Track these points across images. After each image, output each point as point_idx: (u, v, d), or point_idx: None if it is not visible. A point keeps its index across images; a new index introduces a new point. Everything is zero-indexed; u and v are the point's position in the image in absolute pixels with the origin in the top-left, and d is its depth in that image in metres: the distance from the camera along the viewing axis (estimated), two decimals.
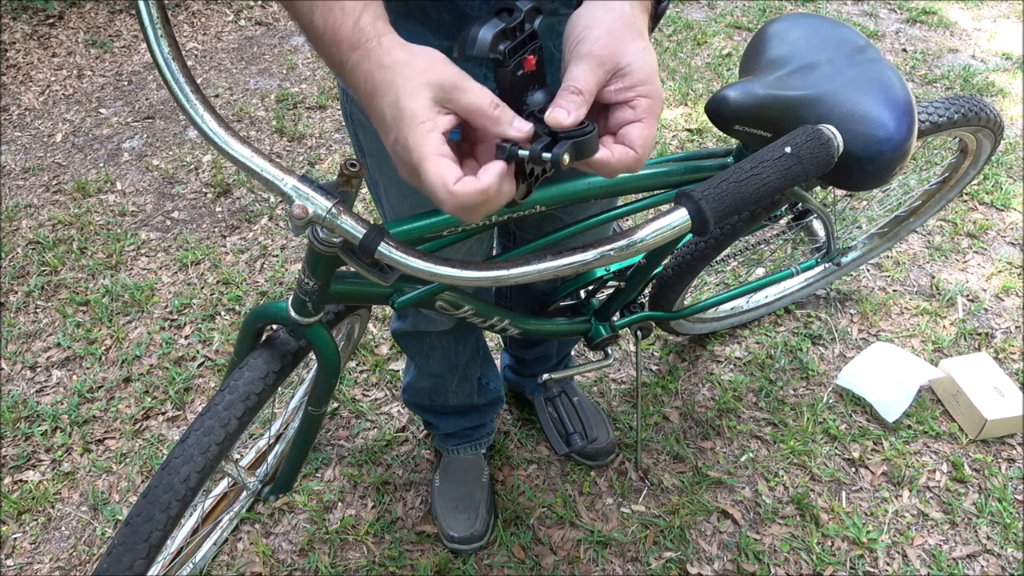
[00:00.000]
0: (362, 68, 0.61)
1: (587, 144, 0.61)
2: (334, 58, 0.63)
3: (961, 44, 3.20)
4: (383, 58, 0.60)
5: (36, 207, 2.32)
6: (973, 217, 2.25)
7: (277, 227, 2.25)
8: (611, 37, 0.63)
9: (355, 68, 0.61)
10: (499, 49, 0.61)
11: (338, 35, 0.61)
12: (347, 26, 0.61)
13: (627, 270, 1.35)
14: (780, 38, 1.08)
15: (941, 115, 1.46)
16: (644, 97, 0.64)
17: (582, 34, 0.64)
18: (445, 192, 0.58)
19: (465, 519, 1.49)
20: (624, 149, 0.64)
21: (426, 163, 0.58)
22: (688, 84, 2.90)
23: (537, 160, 0.60)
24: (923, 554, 1.49)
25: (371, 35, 0.61)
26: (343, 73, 0.63)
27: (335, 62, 0.63)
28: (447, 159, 0.58)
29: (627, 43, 0.63)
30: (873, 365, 1.77)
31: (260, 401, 0.98)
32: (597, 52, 0.63)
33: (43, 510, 1.56)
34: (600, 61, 0.63)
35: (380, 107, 0.60)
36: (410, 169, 0.61)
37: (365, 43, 0.61)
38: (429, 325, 1.27)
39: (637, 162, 0.64)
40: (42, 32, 3.15)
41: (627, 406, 1.76)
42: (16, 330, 1.93)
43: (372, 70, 0.60)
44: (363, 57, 0.61)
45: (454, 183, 0.58)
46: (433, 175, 0.58)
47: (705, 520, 1.55)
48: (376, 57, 0.60)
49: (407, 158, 0.60)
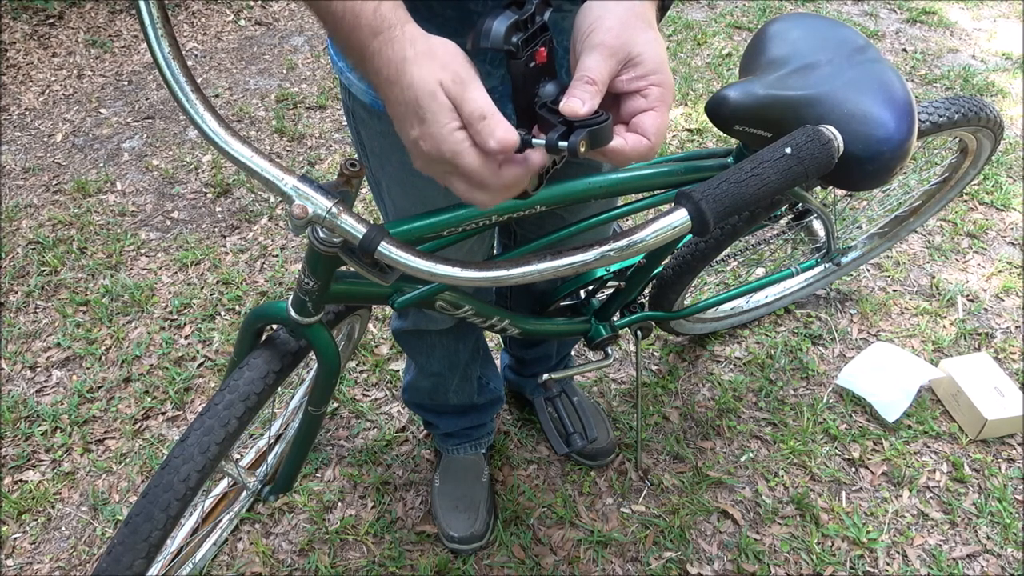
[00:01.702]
0: (384, 55, 0.61)
1: (602, 132, 0.62)
2: (353, 44, 0.63)
3: (961, 44, 3.20)
4: (406, 48, 0.60)
5: (36, 207, 2.32)
6: (973, 217, 2.25)
7: (277, 227, 2.25)
8: (622, 27, 0.64)
9: (376, 55, 0.61)
10: (512, 40, 0.61)
11: (359, 20, 0.61)
12: (367, 12, 0.61)
13: (627, 270, 1.35)
14: (780, 38, 1.08)
15: (941, 115, 1.46)
16: (656, 86, 0.65)
17: (594, 24, 0.64)
18: (494, 176, 0.61)
19: (465, 519, 1.49)
20: (638, 137, 0.65)
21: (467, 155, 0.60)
22: (688, 84, 2.90)
23: (554, 149, 0.62)
24: (923, 554, 1.49)
25: (393, 22, 0.61)
26: (363, 59, 0.63)
27: (355, 48, 0.63)
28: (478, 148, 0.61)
29: (638, 33, 0.64)
30: (873, 365, 1.77)
31: (260, 401, 0.98)
32: (609, 42, 0.63)
33: (43, 510, 1.56)
34: (612, 51, 0.63)
35: (402, 97, 0.61)
36: (435, 162, 0.62)
37: (388, 30, 0.61)
38: (429, 324, 1.27)
39: (651, 150, 0.65)
40: (42, 32, 3.15)
41: (627, 406, 1.76)
42: (16, 330, 1.93)
43: (395, 59, 0.61)
44: (385, 44, 0.61)
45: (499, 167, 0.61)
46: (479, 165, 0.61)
47: (705, 520, 1.55)
48: (400, 46, 0.60)
49: (435, 153, 0.61)
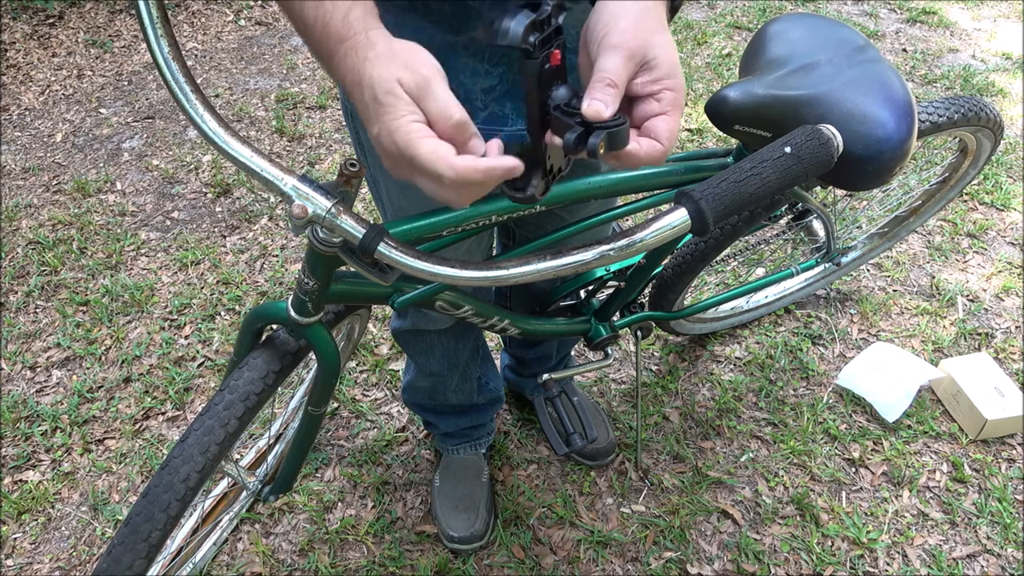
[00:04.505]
0: (348, 60, 0.62)
1: (620, 135, 0.62)
2: (323, 50, 0.64)
3: (961, 44, 3.20)
4: (367, 52, 0.62)
5: (36, 207, 2.32)
6: (973, 217, 2.25)
7: (277, 227, 2.25)
8: (638, 29, 0.64)
9: (342, 61, 0.63)
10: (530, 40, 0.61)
11: (328, 28, 0.63)
12: (336, 19, 0.62)
13: (627, 270, 1.35)
14: (780, 38, 1.08)
15: (941, 115, 1.45)
16: (669, 90, 0.65)
17: (609, 24, 0.64)
18: (446, 166, 0.59)
19: (465, 519, 1.49)
20: (651, 142, 0.65)
21: (418, 146, 0.59)
22: (688, 84, 2.90)
23: (572, 149, 0.62)
24: (923, 554, 1.49)
25: (358, 29, 0.62)
26: (331, 65, 0.65)
27: (324, 54, 0.65)
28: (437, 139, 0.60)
29: (653, 35, 0.64)
30: (873, 365, 1.77)
31: (260, 401, 0.98)
32: (627, 44, 0.63)
33: (43, 510, 1.56)
34: (631, 53, 0.63)
35: (364, 98, 0.62)
36: (396, 158, 0.62)
37: (352, 36, 0.62)
38: (429, 324, 1.27)
39: (663, 155, 0.65)
40: (42, 32, 3.15)
41: (627, 406, 1.76)
42: (16, 330, 1.93)
43: (356, 63, 0.62)
44: (350, 49, 0.62)
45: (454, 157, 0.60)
46: (429, 153, 0.59)
47: (705, 520, 1.55)
48: (362, 50, 0.62)
49: (392, 147, 0.61)
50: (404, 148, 0.60)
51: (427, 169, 0.60)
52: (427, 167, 0.60)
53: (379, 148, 0.63)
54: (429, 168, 0.60)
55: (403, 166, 0.63)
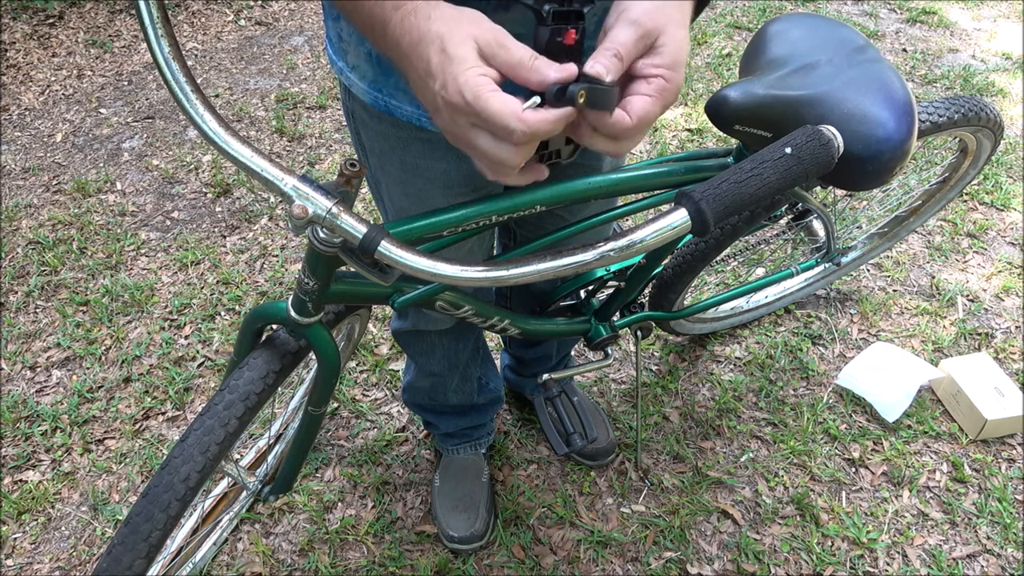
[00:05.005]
0: (407, 22, 0.62)
1: (602, 94, 0.62)
2: (376, 16, 0.63)
3: (961, 44, 3.20)
4: (431, 12, 0.61)
5: (36, 207, 2.32)
6: (973, 217, 2.25)
7: (277, 227, 2.25)
8: (659, 12, 0.64)
9: (399, 24, 0.62)
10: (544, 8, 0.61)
11: None
12: None
13: (627, 270, 1.35)
14: (780, 38, 1.08)
15: (941, 115, 1.46)
16: (663, 79, 0.65)
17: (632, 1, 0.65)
18: (516, 119, 0.59)
19: (465, 519, 1.49)
20: (622, 113, 0.64)
21: (489, 98, 0.59)
22: (688, 84, 2.90)
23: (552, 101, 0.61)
24: (923, 554, 1.49)
25: None
26: (384, 31, 0.63)
27: (376, 20, 0.63)
28: (505, 94, 0.59)
29: (671, 24, 0.65)
30: (873, 365, 1.77)
31: (260, 401, 0.98)
32: (644, 23, 0.64)
33: (43, 510, 1.56)
34: (645, 32, 0.64)
35: (426, 54, 0.61)
36: (460, 111, 0.61)
37: (411, 0, 0.62)
38: (429, 324, 1.27)
39: (628, 131, 0.65)
40: (42, 32, 3.15)
41: (627, 406, 1.76)
42: (16, 330, 1.93)
43: (418, 23, 0.61)
44: (409, 12, 0.62)
45: (522, 111, 0.59)
46: (500, 105, 0.59)
47: (705, 520, 1.55)
48: (424, 12, 0.61)
49: (459, 100, 0.60)
50: (473, 101, 0.59)
51: (496, 122, 0.59)
52: (497, 120, 0.59)
53: (437, 103, 0.62)
54: (498, 121, 0.59)
55: (463, 123, 0.62)
